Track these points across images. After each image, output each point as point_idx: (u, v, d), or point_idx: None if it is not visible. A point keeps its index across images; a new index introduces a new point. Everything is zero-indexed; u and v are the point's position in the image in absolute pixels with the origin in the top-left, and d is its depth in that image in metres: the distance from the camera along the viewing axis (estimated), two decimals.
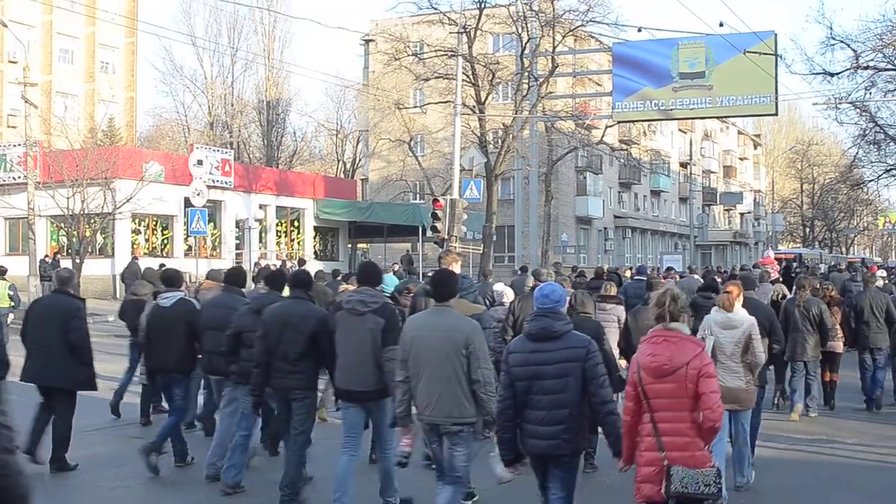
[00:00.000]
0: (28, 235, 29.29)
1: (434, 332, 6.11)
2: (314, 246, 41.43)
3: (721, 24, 29.78)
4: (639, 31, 32.25)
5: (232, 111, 56.02)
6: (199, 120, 58.24)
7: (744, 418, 8.04)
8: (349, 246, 44.33)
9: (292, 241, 40.87)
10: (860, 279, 15.17)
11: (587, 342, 5.66)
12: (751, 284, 9.75)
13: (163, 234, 34.96)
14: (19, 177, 30.53)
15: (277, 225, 39.91)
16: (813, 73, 30.82)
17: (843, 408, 12.60)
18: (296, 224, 41.13)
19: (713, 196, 77.53)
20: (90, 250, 29.78)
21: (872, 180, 45.86)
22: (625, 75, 32.30)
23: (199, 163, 31.09)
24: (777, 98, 31.60)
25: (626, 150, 55.92)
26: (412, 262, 34.72)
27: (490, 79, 34.17)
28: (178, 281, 9.31)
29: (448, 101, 32.15)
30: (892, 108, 37.41)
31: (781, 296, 15.77)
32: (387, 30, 38.06)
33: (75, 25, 47.98)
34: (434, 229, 24.49)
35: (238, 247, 37.71)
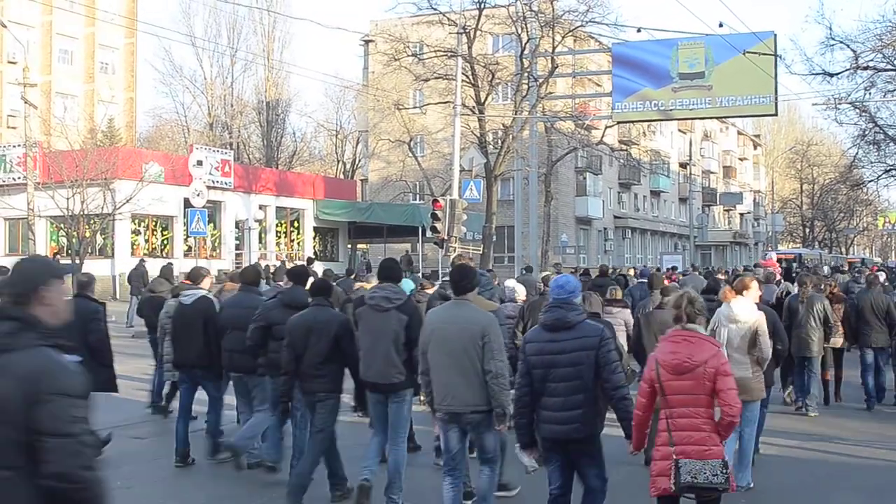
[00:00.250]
0: (28, 236, 29.34)
1: (452, 325, 6.35)
2: (314, 246, 41.43)
3: (721, 25, 29.82)
4: (638, 31, 32.30)
5: (231, 112, 56.01)
6: (199, 120, 58.30)
7: (751, 410, 8.06)
8: (349, 246, 44.34)
9: (292, 241, 40.88)
10: (863, 280, 15.24)
11: (601, 330, 5.96)
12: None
13: (162, 235, 34.96)
14: (19, 177, 30.55)
15: (277, 225, 39.92)
16: (812, 74, 30.88)
17: (844, 407, 12.67)
18: (295, 224, 41.13)
19: (713, 196, 77.55)
20: (90, 251, 29.78)
21: (872, 180, 45.89)
22: (624, 76, 32.31)
23: (199, 163, 31.07)
24: (777, 98, 31.62)
25: (626, 150, 55.92)
26: (412, 263, 34.73)
27: (490, 79, 34.18)
28: (201, 278, 9.58)
29: (448, 102, 32.16)
30: (891, 109, 37.48)
31: (786, 293, 15.80)
32: (386, 30, 38.08)
33: (75, 26, 47.98)
34: (434, 230, 24.49)
35: (238, 247, 37.72)
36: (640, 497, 6.59)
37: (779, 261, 39.34)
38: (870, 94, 32.51)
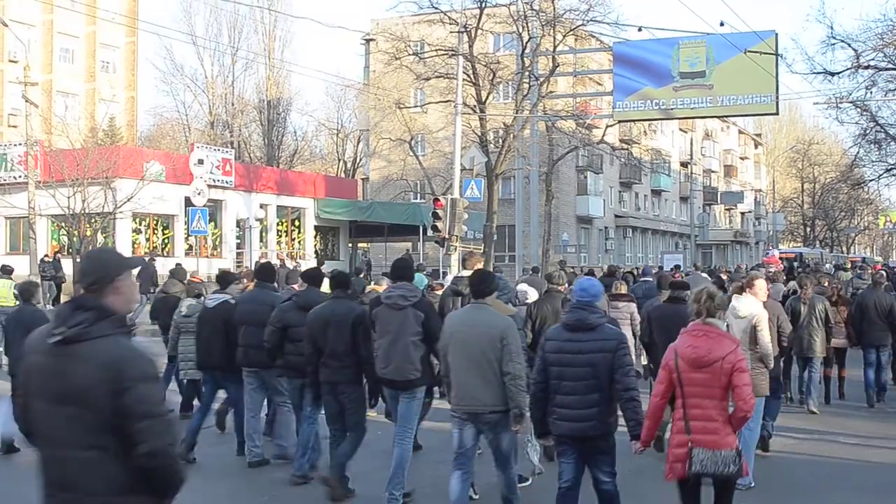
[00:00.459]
0: (29, 235, 29.31)
1: (471, 328, 6.57)
2: (315, 245, 41.42)
3: (722, 24, 29.78)
4: (639, 30, 32.24)
5: (232, 110, 55.99)
6: (200, 119, 58.28)
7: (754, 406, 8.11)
8: (350, 245, 44.31)
9: (293, 240, 40.86)
10: (866, 277, 15.49)
11: (619, 335, 6.26)
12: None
13: (163, 234, 34.95)
14: (20, 176, 30.53)
15: (278, 224, 39.90)
16: (814, 73, 30.81)
17: (846, 405, 12.75)
18: (296, 223, 41.12)
19: (714, 195, 77.51)
20: (91, 249, 29.76)
21: (873, 180, 45.80)
22: (625, 75, 32.25)
23: (200, 162, 31.08)
24: (778, 97, 31.56)
25: (627, 149, 55.93)
26: (413, 261, 34.67)
27: (491, 78, 34.15)
28: (228, 283, 9.86)
29: (449, 101, 32.13)
30: (892, 108, 37.40)
31: (792, 291, 15.95)
32: (387, 29, 38.05)
33: (76, 25, 47.98)
34: (435, 229, 24.47)
35: (239, 246, 37.71)
36: (650, 485, 6.63)
37: (780, 260, 39.34)
38: (871, 93, 32.48)
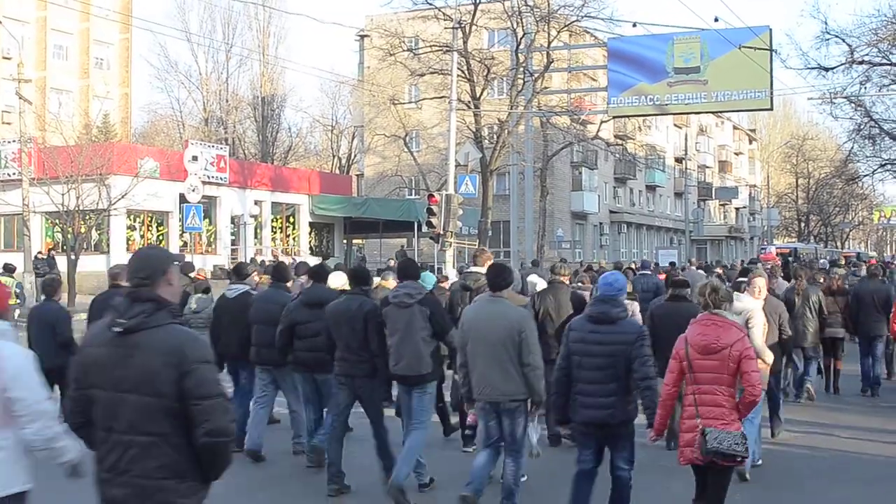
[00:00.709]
0: (23, 232, 29.29)
1: (490, 320, 6.81)
2: (309, 242, 41.41)
3: (716, 19, 29.88)
4: (633, 26, 32.14)
5: (227, 107, 55.91)
6: (194, 116, 58.17)
7: None
8: (344, 242, 44.32)
9: (287, 236, 40.85)
10: (861, 272, 15.66)
11: (639, 328, 6.64)
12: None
13: (158, 231, 34.91)
14: (14, 173, 30.49)
15: (273, 221, 39.89)
16: (808, 68, 30.82)
17: (843, 399, 12.81)
18: (291, 220, 41.10)
19: (708, 191, 77.60)
20: (85, 247, 29.70)
21: (867, 175, 45.96)
22: (620, 70, 32.21)
23: (194, 159, 30.98)
24: (772, 93, 31.53)
25: (622, 145, 55.88)
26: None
27: (485, 74, 34.14)
28: (246, 275, 10.19)
29: (443, 97, 32.12)
30: (886, 103, 37.52)
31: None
32: (382, 25, 37.94)
33: (69, 21, 47.85)
34: (429, 225, 24.48)
35: (233, 243, 37.69)
36: (654, 477, 6.67)
37: (777, 255, 39.41)
38: (865, 88, 32.53)
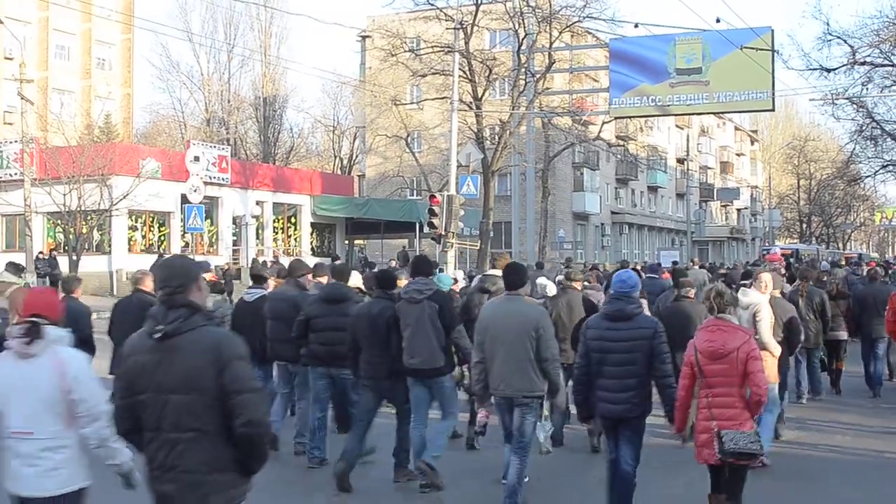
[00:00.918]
0: (25, 232, 29.30)
1: (507, 318, 7.05)
2: (311, 242, 41.43)
3: (718, 20, 29.79)
4: (635, 26, 32.15)
5: (228, 107, 55.93)
6: (196, 116, 58.20)
7: None
8: (346, 242, 44.33)
9: (289, 237, 40.87)
10: (861, 273, 15.72)
11: (655, 324, 6.77)
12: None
13: (159, 231, 34.93)
14: (16, 173, 30.51)
15: (274, 221, 39.91)
16: (810, 69, 30.86)
17: (845, 400, 12.82)
18: (293, 220, 41.12)
19: (710, 192, 77.52)
20: (87, 247, 29.77)
21: (869, 176, 45.95)
22: (621, 71, 32.21)
23: (196, 159, 31.03)
24: (774, 94, 31.53)
25: (623, 145, 55.88)
26: (408, 259, 34.65)
27: (487, 75, 34.15)
28: (264, 279, 10.35)
29: (445, 98, 32.11)
30: (888, 104, 37.49)
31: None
32: (383, 26, 37.95)
33: (71, 22, 47.86)
34: (431, 225, 24.49)
35: (235, 243, 37.71)
36: (654, 473, 6.70)
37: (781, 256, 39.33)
38: (867, 89, 32.54)
